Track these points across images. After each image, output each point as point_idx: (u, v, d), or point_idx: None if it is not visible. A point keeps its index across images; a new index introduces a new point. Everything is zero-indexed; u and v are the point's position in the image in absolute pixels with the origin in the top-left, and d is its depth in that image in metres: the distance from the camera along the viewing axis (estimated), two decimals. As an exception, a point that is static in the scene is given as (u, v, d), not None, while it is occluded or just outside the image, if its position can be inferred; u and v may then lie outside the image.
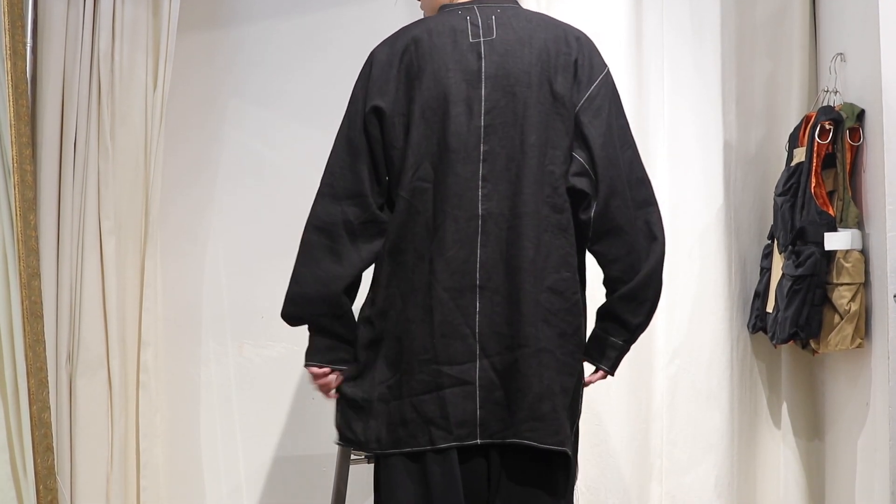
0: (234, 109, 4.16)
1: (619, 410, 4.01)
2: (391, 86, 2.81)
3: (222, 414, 4.11)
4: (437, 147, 2.78)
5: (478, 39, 2.82)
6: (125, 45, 3.72)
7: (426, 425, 2.75)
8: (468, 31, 2.83)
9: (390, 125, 2.79)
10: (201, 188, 4.13)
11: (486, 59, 2.81)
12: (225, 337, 4.12)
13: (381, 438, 2.79)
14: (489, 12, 2.87)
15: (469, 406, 2.75)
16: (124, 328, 3.73)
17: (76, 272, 3.66)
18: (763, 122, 4.20)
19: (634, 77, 4.08)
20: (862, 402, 3.68)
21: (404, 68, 2.81)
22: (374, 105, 2.80)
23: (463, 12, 2.87)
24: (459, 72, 2.79)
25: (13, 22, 3.45)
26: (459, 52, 2.80)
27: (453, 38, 2.82)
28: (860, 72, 3.73)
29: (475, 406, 2.76)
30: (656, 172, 4.08)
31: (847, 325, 3.64)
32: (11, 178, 3.39)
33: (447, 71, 2.78)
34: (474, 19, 2.85)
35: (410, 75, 2.80)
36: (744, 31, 4.19)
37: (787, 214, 3.82)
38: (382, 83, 2.81)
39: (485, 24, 2.85)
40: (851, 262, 3.64)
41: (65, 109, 3.67)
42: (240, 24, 4.18)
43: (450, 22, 2.85)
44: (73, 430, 3.65)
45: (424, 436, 2.75)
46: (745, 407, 4.12)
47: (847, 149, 3.72)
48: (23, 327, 3.39)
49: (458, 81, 2.78)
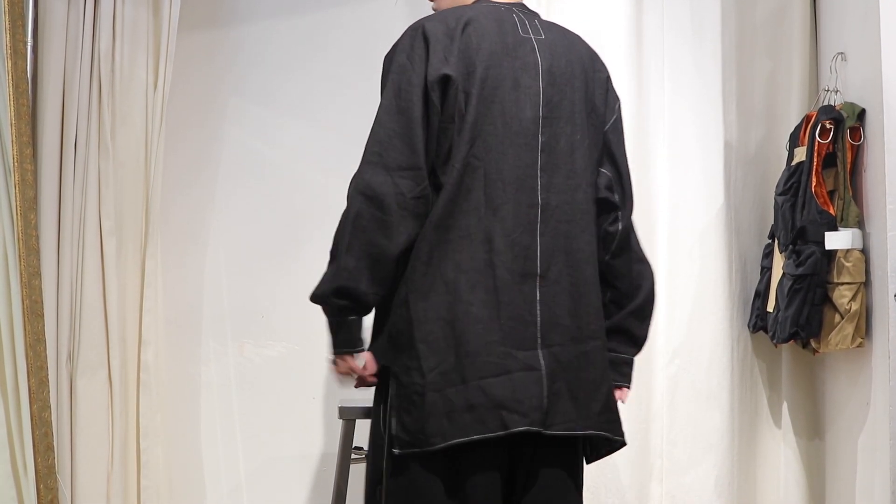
0: (235, 109, 4.17)
1: (619, 409, 4.01)
2: (454, 58, 2.72)
3: (222, 413, 4.11)
4: (494, 127, 2.72)
5: (528, 35, 2.82)
6: (126, 45, 3.72)
7: (497, 409, 2.62)
8: (518, 25, 2.83)
9: (454, 96, 2.70)
10: (202, 188, 4.13)
11: (541, 55, 2.80)
12: (225, 336, 4.12)
13: (444, 431, 2.61)
14: (531, 15, 2.90)
15: (537, 391, 2.65)
16: (125, 327, 3.73)
17: (77, 271, 3.66)
18: (763, 122, 4.20)
19: (635, 77, 4.08)
20: (862, 401, 3.68)
21: (464, 44, 2.73)
22: (442, 74, 2.70)
23: (506, 9, 2.87)
24: (518, 59, 2.77)
25: (14, 21, 3.45)
26: (515, 42, 2.78)
27: (503, 28, 2.79)
28: (861, 71, 3.74)
29: (542, 393, 2.66)
30: (656, 172, 4.09)
31: (847, 324, 3.64)
32: (12, 177, 3.39)
33: (505, 56, 2.76)
34: (520, 17, 2.86)
35: (469, 52, 2.73)
36: (744, 30, 4.20)
37: (788, 214, 3.82)
38: (446, 54, 2.72)
39: (531, 23, 2.86)
40: (852, 262, 3.64)
41: (65, 109, 3.67)
42: (240, 23, 4.18)
43: (496, 13, 2.83)
44: (73, 430, 3.65)
45: (495, 420, 2.62)
46: (746, 406, 4.12)
47: (848, 148, 3.73)
48: (23, 326, 3.39)
49: (516, 69, 2.76)
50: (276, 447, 4.11)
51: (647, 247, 4.01)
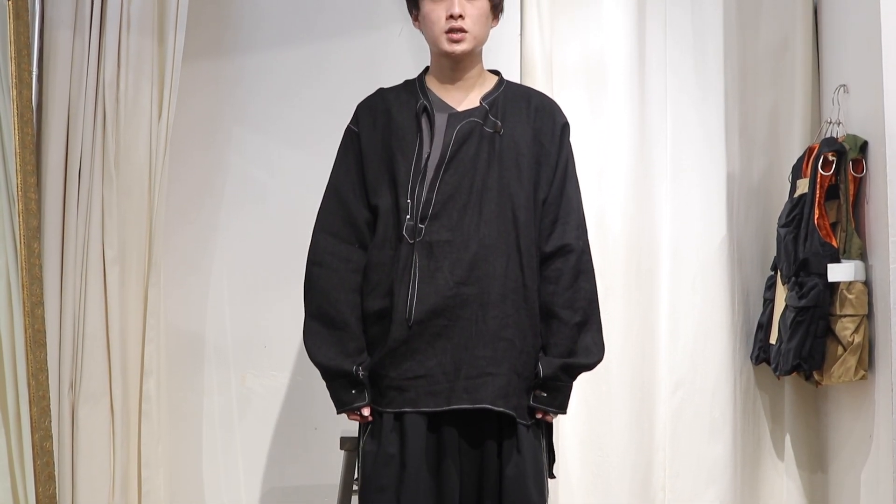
0: (237, 138, 4.17)
1: (622, 441, 4.01)
2: None
3: (224, 444, 4.10)
4: None
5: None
6: (130, 75, 3.73)
7: None
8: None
9: None
10: (204, 217, 4.14)
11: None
12: (227, 367, 4.12)
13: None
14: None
15: None
16: (127, 357, 3.72)
17: (79, 300, 3.66)
18: (766, 154, 4.20)
19: (637, 108, 4.09)
20: (865, 434, 3.67)
21: None
22: None
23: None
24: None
25: (19, 51, 3.46)
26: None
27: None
28: (863, 103, 3.74)
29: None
30: (659, 203, 4.09)
31: (850, 356, 3.63)
32: (16, 205, 3.40)
33: None
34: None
35: None
36: (746, 61, 4.21)
37: (791, 246, 3.82)
38: None
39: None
40: (855, 294, 3.64)
41: (70, 138, 3.68)
42: (242, 53, 4.19)
43: None
44: (74, 459, 3.64)
45: None
46: (748, 438, 4.11)
47: (850, 180, 3.73)
48: (26, 355, 3.38)
49: None
50: (277, 478, 4.10)
51: (649, 278, 4.05)
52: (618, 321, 4.02)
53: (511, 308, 2.97)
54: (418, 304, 2.93)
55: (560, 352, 3.00)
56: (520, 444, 2.93)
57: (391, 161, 3.07)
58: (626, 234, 4.07)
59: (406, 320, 2.94)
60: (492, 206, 3.00)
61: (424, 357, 2.94)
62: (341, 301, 3.03)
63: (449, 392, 2.92)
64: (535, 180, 3.07)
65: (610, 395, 4.03)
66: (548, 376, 2.97)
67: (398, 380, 2.95)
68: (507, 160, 3.04)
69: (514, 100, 3.15)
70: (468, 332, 2.94)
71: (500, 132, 3.05)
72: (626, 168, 4.08)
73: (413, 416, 2.93)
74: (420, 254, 2.96)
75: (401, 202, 3.02)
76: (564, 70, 4.12)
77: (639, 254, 4.08)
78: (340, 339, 3.01)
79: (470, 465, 2.95)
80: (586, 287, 3.06)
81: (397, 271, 2.98)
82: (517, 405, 2.94)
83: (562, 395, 3.02)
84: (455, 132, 3.05)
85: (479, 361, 2.92)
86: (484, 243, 2.96)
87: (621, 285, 4.05)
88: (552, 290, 3.03)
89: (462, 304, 2.94)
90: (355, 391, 2.98)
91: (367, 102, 3.23)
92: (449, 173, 3.01)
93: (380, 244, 3.05)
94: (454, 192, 3.00)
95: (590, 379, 3.96)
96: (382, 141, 3.11)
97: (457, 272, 2.94)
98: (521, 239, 3.01)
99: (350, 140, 3.18)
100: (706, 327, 4.09)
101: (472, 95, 3.13)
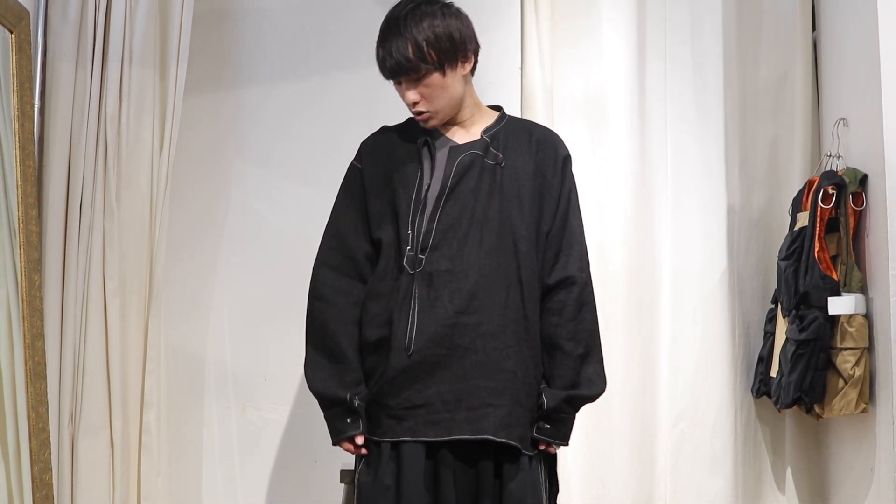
0: (238, 171, 4.18)
1: (622, 474, 4.00)
2: None
3: (224, 476, 4.09)
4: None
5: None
6: (132, 108, 3.74)
7: None
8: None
9: None
10: (205, 249, 4.14)
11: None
12: (228, 399, 4.11)
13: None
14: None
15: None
16: (127, 389, 3.72)
17: (80, 333, 3.65)
18: (766, 187, 4.22)
19: (638, 141, 4.11)
20: (867, 467, 3.67)
21: None
22: None
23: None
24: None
25: (22, 83, 3.47)
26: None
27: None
28: (863, 137, 3.75)
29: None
30: (660, 236, 4.10)
31: (851, 389, 3.63)
32: (17, 237, 3.40)
33: None
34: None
35: None
36: (746, 95, 4.23)
37: (791, 279, 3.82)
38: None
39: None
40: (855, 327, 3.64)
41: (71, 171, 3.68)
42: (243, 86, 4.20)
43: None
44: (74, 492, 3.63)
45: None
46: (749, 472, 4.10)
47: (850, 213, 3.74)
48: (26, 387, 3.38)
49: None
50: (277, 510, 4.10)
51: (650, 311, 4.05)
52: (618, 353, 4.02)
53: (512, 339, 2.97)
54: (418, 333, 2.94)
55: (564, 384, 3.00)
56: (519, 474, 2.92)
57: (393, 194, 3.09)
58: (627, 267, 4.07)
59: (405, 349, 2.94)
60: (493, 237, 3.00)
61: (423, 386, 2.94)
62: (340, 333, 3.05)
63: (449, 422, 2.91)
64: (538, 212, 3.08)
65: (611, 427, 4.02)
66: (552, 408, 2.97)
67: (396, 409, 2.95)
68: (509, 192, 3.05)
69: (515, 133, 3.16)
70: (468, 362, 2.93)
71: (501, 164, 3.06)
72: (627, 200, 4.09)
73: (411, 446, 2.93)
74: (420, 284, 2.97)
75: (402, 234, 3.03)
76: (565, 103, 4.15)
77: (639, 286, 4.09)
78: (339, 370, 3.03)
79: (468, 496, 2.94)
80: (589, 319, 3.07)
81: (397, 301, 2.99)
82: (520, 436, 2.94)
83: (565, 427, 3.02)
84: (456, 164, 3.06)
85: (480, 392, 2.92)
86: (484, 273, 2.97)
87: (622, 317, 4.06)
88: (556, 321, 3.04)
89: (461, 333, 2.94)
90: (350, 420, 2.99)
91: (371, 139, 3.26)
92: (449, 204, 3.02)
93: (381, 275, 3.06)
94: (454, 223, 3.01)
95: (591, 412, 3.96)
96: (385, 176, 3.13)
97: (456, 301, 2.95)
98: (522, 270, 3.01)
99: (353, 176, 3.21)
100: (707, 360, 4.09)
101: (474, 130, 3.15)
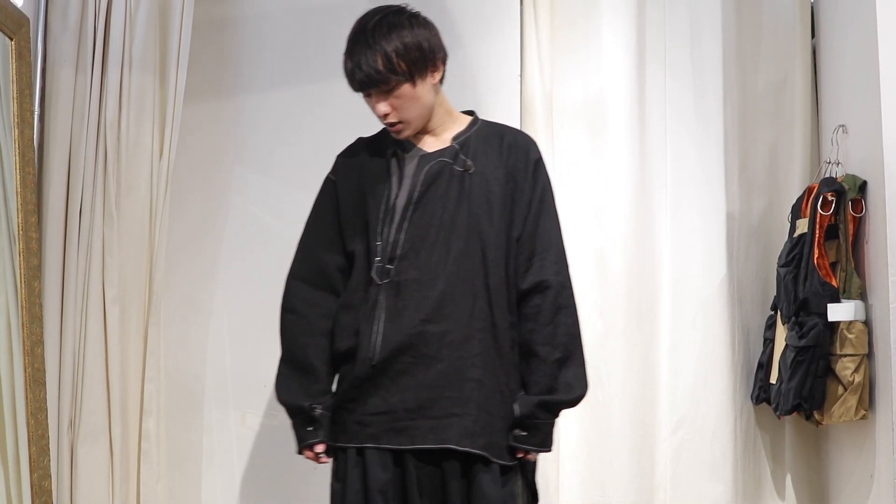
0: (238, 177, 4.17)
1: (622, 481, 4.00)
2: None
3: (224, 483, 4.08)
4: None
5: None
6: (132, 114, 3.73)
7: None
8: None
9: None
10: (205, 256, 4.14)
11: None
12: (227, 406, 4.11)
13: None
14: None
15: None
16: (126, 396, 3.71)
17: (79, 339, 3.65)
18: (766, 193, 4.22)
19: (637, 148, 4.11)
20: (866, 474, 3.67)
21: None
22: None
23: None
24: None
25: (21, 90, 3.47)
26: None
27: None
28: (862, 143, 3.76)
29: None
30: (659, 243, 4.10)
31: (851, 396, 3.63)
32: (17, 244, 3.40)
33: None
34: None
35: None
36: (746, 102, 4.23)
37: (791, 285, 3.82)
38: None
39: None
40: (855, 334, 3.64)
41: (71, 177, 3.68)
42: (244, 93, 4.20)
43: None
44: (73, 498, 3.62)
45: None
46: (749, 478, 4.10)
47: (849, 220, 3.74)
48: (25, 394, 3.38)
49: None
50: (277, 517, 4.09)
51: (650, 317, 4.05)
52: (618, 360, 4.03)
53: (478, 347, 2.96)
54: (383, 342, 2.95)
55: (538, 389, 2.98)
56: (490, 483, 2.91)
57: (365, 207, 3.10)
58: (627, 273, 4.07)
59: (370, 359, 2.95)
60: (460, 244, 2.99)
61: (388, 394, 2.95)
62: (308, 346, 3.09)
63: (413, 431, 2.91)
64: (509, 218, 3.06)
65: (610, 434, 4.02)
66: (524, 415, 2.96)
67: (361, 415, 2.97)
68: (477, 198, 3.03)
69: (486, 138, 3.14)
70: (433, 371, 2.93)
71: (470, 171, 3.05)
72: (627, 207, 4.09)
73: (374, 453, 2.94)
74: (387, 294, 2.98)
75: (371, 245, 3.04)
76: (565, 109, 4.15)
77: (639, 292, 4.09)
78: (306, 381, 3.08)
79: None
80: (567, 322, 3.03)
81: (365, 311, 3.00)
82: (487, 443, 2.92)
83: (542, 433, 2.99)
84: (424, 173, 3.06)
85: (444, 402, 2.92)
86: (451, 281, 2.96)
87: (622, 324, 4.06)
88: (531, 327, 3.02)
89: (426, 342, 2.93)
90: (311, 428, 3.03)
91: (346, 152, 3.29)
92: (417, 214, 3.02)
93: (354, 287, 3.08)
94: (423, 232, 3.01)
95: (591, 418, 3.97)
96: (358, 188, 3.14)
97: (423, 310, 2.95)
98: (490, 277, 3.00)
99: (327, 189, 3.25)
100: (706, 366, 4.09)
101: (445, 137, 3.14)
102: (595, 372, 4.00)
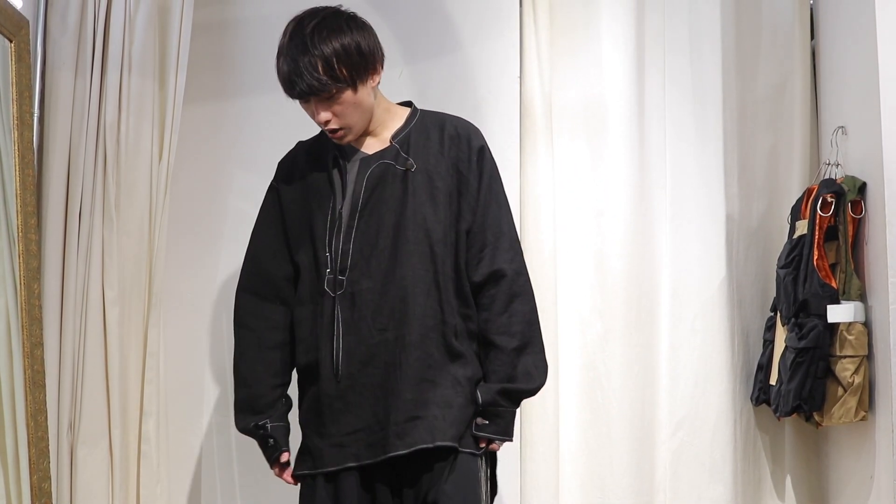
0: (238, 181, 4.17)
1: (622, 483, 4.00)
2: None
3: (224, 485, 4.08)
4: None
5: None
6: (131, 116, 3.73)
7: None
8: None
9: None
10: (205, 258, 4.14)
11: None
12: (227, 408, 4.09)
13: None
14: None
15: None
16: (126, 398, 3.71)
17: (79, 342, 3.65)
18: (765, 195, 4.22)
19: (637, 150, 4.11)
20: (866, 475, 3.66)
21: None
22: None
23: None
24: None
25: (21, 92, 3.47)
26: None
27: None
28: (861, 145, 3.76)
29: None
30: (659, 245, 4.10)
31: (850, 397, 3.63)
32: (16, 246, 3.39)
33: None
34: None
35: None
36: (745, 104, 4.23)
37: (790, 287, 3.82)
38: None
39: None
40: (854, 335, 3.64)
41: (70, 179, 3.68)
42: (244, 96, 4.20)
43: None
44: (73, 501, 3.62)
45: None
46: (749, 480, 4.10)
47: (849, 221, 3.74)
48: (24, 396, 3.37)
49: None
50: (276, 519, 4.09)
51: (649, 319, 4.05)
52: (618, 361, 4.03)
53: (433, 346, 2.96)
54: (345, 357, 2.95)
55: (499, 378, 2.98)
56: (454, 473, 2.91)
57: (309, 215, 3.09)
58: (626, 276, 4.08)
59: (334, 375, 2.95)
60: (408, 246, 2.98)
61: (360, 409, 2.95)
62: (255, 360, 3.12)
63: (383, 441, 2.91)
64: (457, 211, 3.05)
65: (610, 436, 4.02)
66: (486, 402, 2.96)
67: (338, 435, 2.96)
68: (422, 196, 3.01)
69: (426, 131, 3.11)
70: (394, 377, 2.93)
71: (412, 169, 3.03)
72: (626, 210, 4.09)
73: (345, 474, 2.95)
74: (343, 306, 2.97)
75: (319, 256, 3.03)
76: (564, 113, 4.15)
77: (639, 294, 4.09)
78: (251, 396, 3.11)
79: None
80: (522, 310, 3.02)
81: (322, 325, 2.99)
82: (454, 436, 2.91)
83: (504, 421, 2.98)
84: (366, 177, 3.04)
85: (406, 405, 2.91)
86: (401, 285, 2.96)
87: (621, 326, 4.06)
88: (486, 317, 3.02)
89: (386, 349, 2.94)
90: (271, 442, 3.08)
91: (287, 158, 3.27)
92: (363, 220, 3.01)
93: (303, 300, 3.08)
94: (371, 240, 2.99)
95: (590, 420, 3.97)
96: (301, 196, 3.13)
97: (379, 319, 2.95)
98: (438, 275, 2.99)
99: (272, 197, 3.24)
100: (706, 368, 4.09)
101: (384, 135, 3.11)
102: (594, 374, 4.01)
